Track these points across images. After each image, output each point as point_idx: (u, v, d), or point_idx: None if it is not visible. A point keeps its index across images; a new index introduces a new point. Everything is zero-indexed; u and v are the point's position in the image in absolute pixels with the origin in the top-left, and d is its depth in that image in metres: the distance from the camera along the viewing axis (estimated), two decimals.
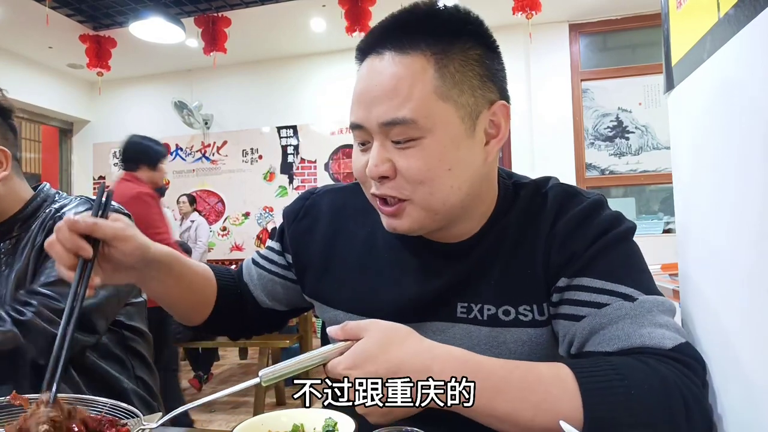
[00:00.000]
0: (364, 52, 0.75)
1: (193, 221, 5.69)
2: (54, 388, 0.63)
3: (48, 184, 1.26)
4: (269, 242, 0.99)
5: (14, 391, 0.65)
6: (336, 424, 0.61)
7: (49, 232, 1.07)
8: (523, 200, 0.80)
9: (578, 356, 0.69)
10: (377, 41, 0.73)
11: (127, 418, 0.67)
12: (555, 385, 0.59)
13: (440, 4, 0.73)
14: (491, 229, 0.79)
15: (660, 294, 0.70)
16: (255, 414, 3.26)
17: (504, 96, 0.76)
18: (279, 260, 0.95)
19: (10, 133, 1.21)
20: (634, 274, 0.71)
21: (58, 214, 1.15)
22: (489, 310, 0.76)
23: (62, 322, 0.68)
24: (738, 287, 0.63)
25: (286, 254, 0.94)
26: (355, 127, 0.74)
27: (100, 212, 0.77)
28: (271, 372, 0.62)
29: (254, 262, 0.98)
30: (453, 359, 0.61)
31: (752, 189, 0.58)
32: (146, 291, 0.88)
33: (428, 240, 0.80)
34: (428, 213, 0.72)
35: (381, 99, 0.69)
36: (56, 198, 1.23)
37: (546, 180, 0.84)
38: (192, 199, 5.97)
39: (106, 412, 0.68)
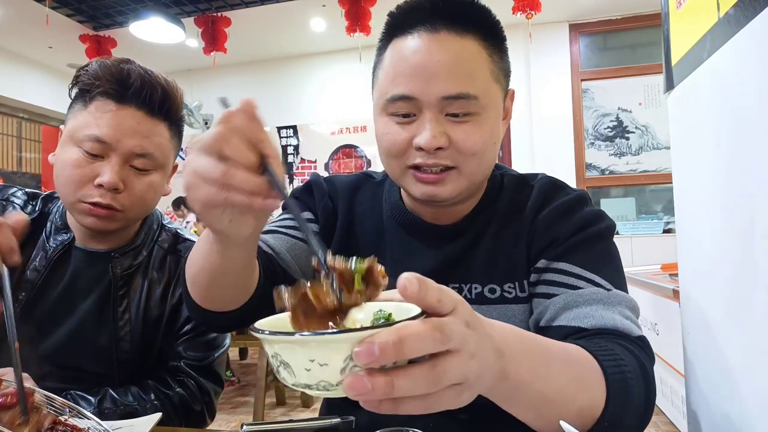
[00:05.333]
0: (403, 27, 0.76)
1: (188, 222, 5.78)
2: None
3: None
4: (289, 214, 0.88)
5: None
6: (390, 315, 0.47)
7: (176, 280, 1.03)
8: (509, 189, 0.87)
9: (547, 329, 0.71)
10: (426, 18, 0.74)
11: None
12: (586, 362, 0.59)
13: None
14: (479, 214, 0.84)
15: (625, 288, 0.75)
16: (255, 414, 3.20)
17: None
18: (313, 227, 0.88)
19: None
20: (610, 270, 0.76)
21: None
22: (476, 288, 0.80)
23: None
24: (737, 286, 0.63)
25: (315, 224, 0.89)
26: (402, 98, 0.74)
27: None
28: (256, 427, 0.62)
29: (280, 233, 0.85)
30: (512, 335, 0.53)
31: (752, 188, 0.58)
32: (223, 261, 0.64)
33: (426, 222, 0.85)
34: (469, 182, 0.77)
35: (443, 75, 0.72)
36: (165, 224, 1.12)
37: (534, 175, 0.90)
38: (178, 204, 6.02)
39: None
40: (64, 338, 0.99)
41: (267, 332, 0.39)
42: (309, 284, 0.45)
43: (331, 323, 0.44)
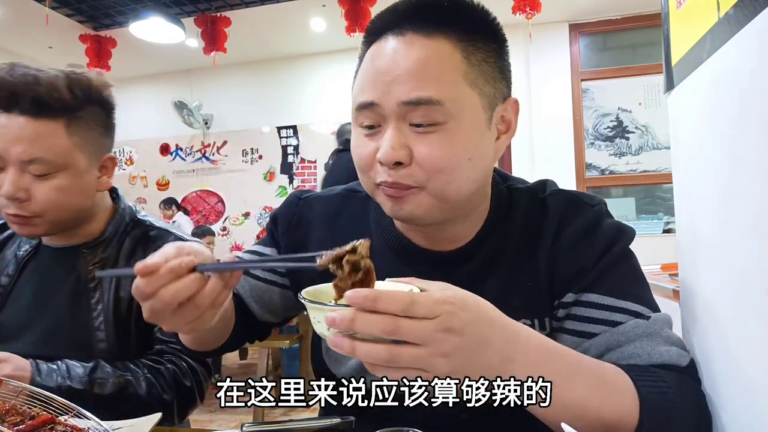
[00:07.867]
0: (376, 32, 0.71)
1: (174, 221, 5.80)
2: None
3: (120, 192, 1.16)
4: (258, 248, 0.92)
5: None
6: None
7: None
8: (520, 207, 0.79)
9: None
10: (396, 22, 0.69)
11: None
12: (618, 379, 0.60)
13: None
14: (487, 238, 0.77)
15: (657, 305, 0.73)
16: (255, 414, 3.19)
17: (510, 92, 0.76)
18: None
19: (111, 131, 1.08)
20: (641, 290, 0.73)
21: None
22: None
23: None
24: (737, 287, 0.63)
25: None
26: (365, 106, 0.69)
27: None
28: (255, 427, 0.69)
29: (245, 272, 0.88)
30: (538, 344, 0.58)
31: (752, 188, 0.58)
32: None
33: (423, 249, 0.78)
34: (439, 202, 0.69)
35: (405, 78, 0.65)
36: (138, 217, 1.14)
37: (543, 185, 0.83)
38: (168, 204, 6.09)
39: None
40: (42, 333, 1.03)
41: (301, 295, 0.56)
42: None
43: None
